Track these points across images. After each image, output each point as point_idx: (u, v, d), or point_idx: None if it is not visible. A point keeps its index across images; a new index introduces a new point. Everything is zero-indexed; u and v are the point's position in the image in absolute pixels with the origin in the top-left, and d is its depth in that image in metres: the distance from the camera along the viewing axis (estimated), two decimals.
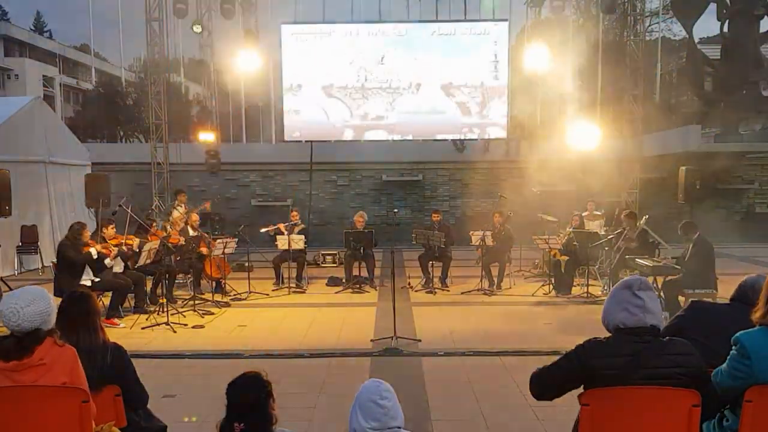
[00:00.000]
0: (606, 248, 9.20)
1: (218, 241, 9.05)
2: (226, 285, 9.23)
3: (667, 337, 2.49)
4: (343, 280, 9.70)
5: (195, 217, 9.56)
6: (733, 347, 2.58)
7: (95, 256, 7.26)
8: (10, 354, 2.49)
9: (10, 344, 2.50)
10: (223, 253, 8.94)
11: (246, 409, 2.31)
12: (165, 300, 7.61)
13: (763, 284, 2.73)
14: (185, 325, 7.21)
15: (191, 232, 9.14)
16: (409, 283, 9.69)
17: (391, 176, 21.65)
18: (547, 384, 2.62)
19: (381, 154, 20.49)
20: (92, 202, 10.68)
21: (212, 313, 7.87)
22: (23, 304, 2.50)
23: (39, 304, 2.54)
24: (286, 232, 9.63)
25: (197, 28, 15.13)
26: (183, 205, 10.70)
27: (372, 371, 5.49)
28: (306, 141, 14.56)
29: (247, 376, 2.42)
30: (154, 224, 9.31)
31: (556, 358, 2.60)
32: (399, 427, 2.24)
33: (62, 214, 12.31)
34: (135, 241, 8.00)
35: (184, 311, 7.77)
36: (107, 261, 7.48)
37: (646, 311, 2.47)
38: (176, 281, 8.89)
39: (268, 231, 10.00)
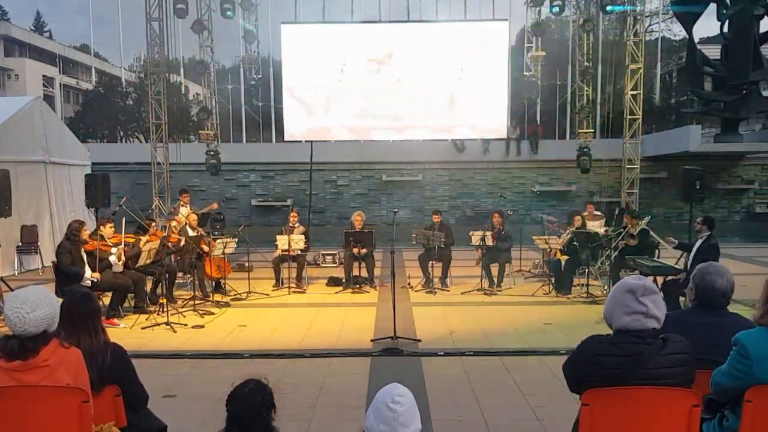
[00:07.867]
0: (606, 248, 9.19)
1: (218, 241, 9.06)
2: (226, 285, 9.24)
3: (665, 335, 2.48)
4: (343, 281, 9.70)
5: (194, 216, 9.58)
6: (733, 347, 2.58)
7: (88, 281, 7.02)
8: (13, 354, 2.46)
9: (14, 345, 2.47)
10: (223, 253, 8.94)
11: (246, 423, 2.29)
12: (165, 300, 7.61)
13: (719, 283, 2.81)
14: (185, 325, 7.20)
15: (191, 232, 9.14)
16: (409, 283, 9.68)
17: (391, 176, 21.66)
18: (568, 379, 2.64)
19: (381, 154, 20.52)
20: (92, 202, 10.67)
21: (212, 313, 7.86)
22: (28, 309, 2.45)
23: (44, 308, 2.49)
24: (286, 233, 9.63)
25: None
26: (187, 205, 10.71)
27: (372, 371, 5.49)
28: (306, 141, 14.57)
29: (248, 388, 2.35)
30: (153, 224, 9.29)
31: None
32: None
33: (62, 214, 12.29)
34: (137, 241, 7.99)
35: (184, 311, 7.76)
36: (112, 258, 7.46)
37: (649, 317, 2.47)
38: (176, 281, 8.88)
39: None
